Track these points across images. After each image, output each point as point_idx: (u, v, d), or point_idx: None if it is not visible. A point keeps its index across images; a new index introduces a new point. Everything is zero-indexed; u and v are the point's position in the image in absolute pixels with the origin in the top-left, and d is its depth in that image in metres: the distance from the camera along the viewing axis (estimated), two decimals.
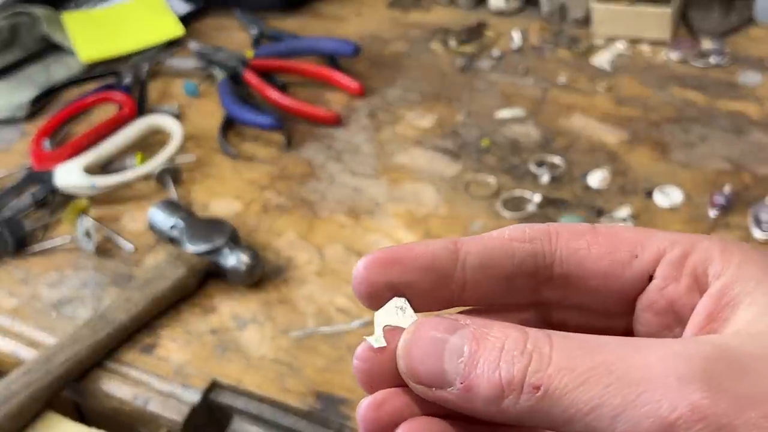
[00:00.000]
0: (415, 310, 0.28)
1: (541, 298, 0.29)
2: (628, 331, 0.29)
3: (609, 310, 0.29)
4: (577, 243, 0.28)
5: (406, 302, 0.27)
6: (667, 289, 0.27)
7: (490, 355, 0.25)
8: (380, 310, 0.27)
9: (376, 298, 0.27)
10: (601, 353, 0.24)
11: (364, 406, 0.26)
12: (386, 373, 0.27)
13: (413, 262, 0.27)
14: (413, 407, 0.27)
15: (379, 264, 0.27)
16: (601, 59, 1.02)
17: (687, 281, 0.27)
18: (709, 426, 0.22)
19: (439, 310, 0.28)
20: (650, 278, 0.28)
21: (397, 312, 0.27)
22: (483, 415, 0.25)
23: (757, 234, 0.75)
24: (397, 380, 0.27)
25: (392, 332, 0.27)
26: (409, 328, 0.26)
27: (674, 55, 1.01)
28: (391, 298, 0.27)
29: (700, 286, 0.27)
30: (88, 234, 0.81)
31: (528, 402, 0.24)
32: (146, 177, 0.89)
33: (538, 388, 0.24)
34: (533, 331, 0.25)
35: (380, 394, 0.27)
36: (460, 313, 0.29)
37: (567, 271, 0.28)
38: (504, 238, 0.28)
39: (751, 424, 0.22)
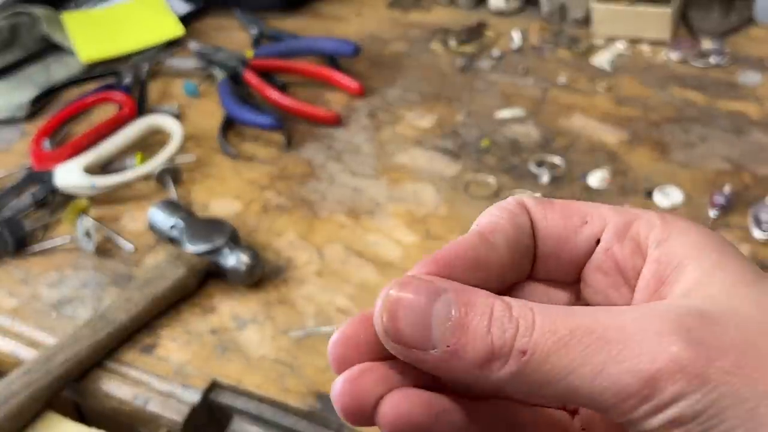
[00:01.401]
0: None
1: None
2: (578, 301, 0.31)
3: (560, 278, 0.31)
4: (536, 213, 0.30)
5: None
6: (612, 249, 0.29)
7: (481, 321, 0.25)
8: None
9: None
10: (580, 317, 0.25)
11: (341, 381, 0.26)
12: (362, 357, 0.27)
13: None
14: (392, 380, 0.27)
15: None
16: (601, 59, 1.02)
17: (630, 245, 0.29)
18: (688, 375, 0.24)
19: None
20: (597, 242, 0.30)
21: None
22: (460, 378, 0.26)
23: (757, 234, 0.75)
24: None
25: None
26: (389, 289, 0.26)
27: (674, 55, 1.01)
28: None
29: (641, 249, 0.29)
30: (88, 234, 0.81)
31: (513, 367, 0.25)
32: (146, 177, 0.89)
33: (524, 352, 0.25)
34: (513, 300, 0.26)
35: (356, 368, 0.27)
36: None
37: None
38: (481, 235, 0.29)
39: (724, 372, 0.24)
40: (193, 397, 0.68)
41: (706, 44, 1.01)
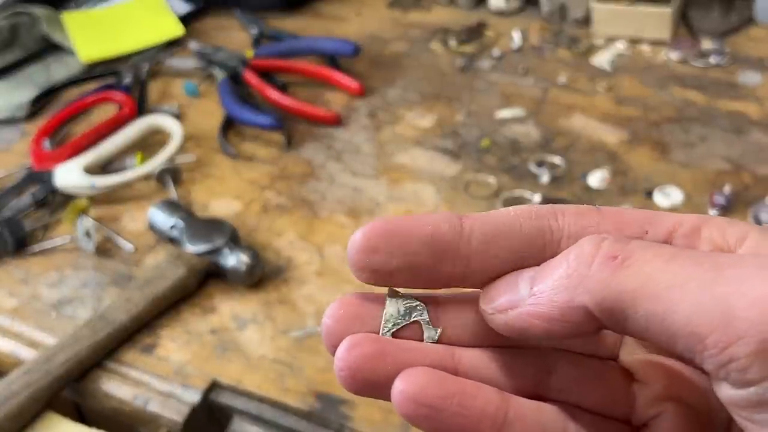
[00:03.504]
0: (422, 288, 0.27)
1: None
2: None
3: None
4: (585, 221, 0.27)
5: (405, 297, 0.28)
6: None
7: (559, 256, 0.25)
8: (387, 305, 0.28)
9: (372, 275, 0.27)
10: (684, 249, 0.24)
11: (345, 347, 0.26)
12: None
13: (412, 233, 0.26)
14: (388, 347, 0.27)
15: (375, 237, 0.26)
16: (601, 59, 1.02)
17: (707, 247, 0.26)
18: None
19: (443, 288, 0.27)
20: None
21: (400, 308, 0.28)
22: (554, 315, 0.25)
23: None
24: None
25: (397, 332, 0.28)
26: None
27: (674, 55, 1.01)
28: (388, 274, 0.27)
29: (722, 250, 0.26)
30: (88, 234, 0.81)
31: (602, 272, 0.24)
32: (146, 177, 0.89)
33: (615, 257, 0.24)
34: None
35: (356, 337, 0.27)
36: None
37: None
38: (510, 214, 0.27)
39: None
40: (193, 397, 0.68)
41: (706, 44, 1.01)
